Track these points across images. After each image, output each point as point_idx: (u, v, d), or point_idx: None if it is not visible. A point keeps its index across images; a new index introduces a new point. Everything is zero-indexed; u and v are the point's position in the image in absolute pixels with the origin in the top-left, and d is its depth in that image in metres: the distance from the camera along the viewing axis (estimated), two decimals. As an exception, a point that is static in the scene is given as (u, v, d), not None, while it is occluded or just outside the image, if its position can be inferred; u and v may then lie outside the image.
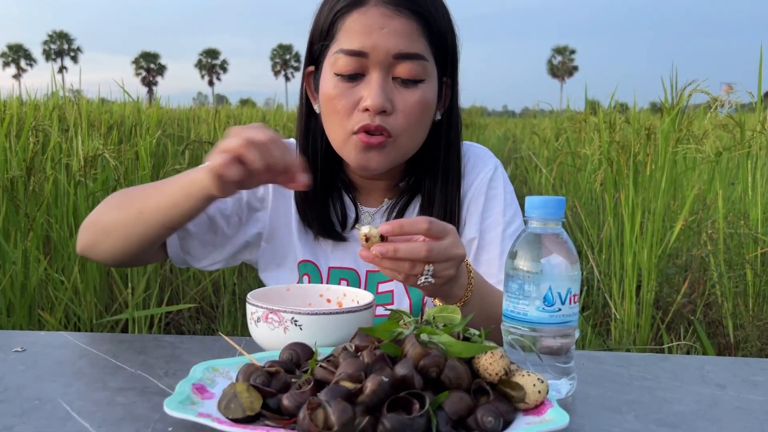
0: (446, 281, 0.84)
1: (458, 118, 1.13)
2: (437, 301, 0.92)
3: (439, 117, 1.09)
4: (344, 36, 1.02)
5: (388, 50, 0.99)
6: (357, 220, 1.14)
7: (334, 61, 1.02)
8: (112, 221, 1.02)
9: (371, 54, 1.00)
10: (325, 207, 1.12)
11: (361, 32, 1.00)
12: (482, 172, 1.16)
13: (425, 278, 0.81)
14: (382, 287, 1.11)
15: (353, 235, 1.13)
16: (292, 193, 1.14)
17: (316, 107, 1.09)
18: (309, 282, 1.11)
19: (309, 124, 1.12)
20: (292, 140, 1.17)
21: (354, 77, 1.01)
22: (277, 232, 1.15)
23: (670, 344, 2.49)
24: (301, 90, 1.13)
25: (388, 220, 1.13)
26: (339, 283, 1.11)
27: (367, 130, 1.00)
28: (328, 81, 1.03)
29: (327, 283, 1.11)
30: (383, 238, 0.80)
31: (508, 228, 1.11)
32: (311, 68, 1.10)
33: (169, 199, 0.95)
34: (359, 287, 1.11)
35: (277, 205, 1.14)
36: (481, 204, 1.13)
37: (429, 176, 1.11)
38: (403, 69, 1.01)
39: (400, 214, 1.14)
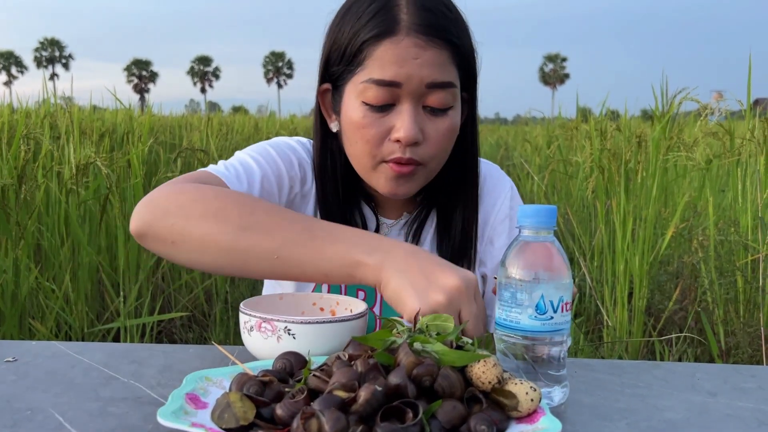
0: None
1: (475, 131, 1.12)
2: None
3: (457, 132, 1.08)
4: (375, 65, 0.98)
5: (422, 80, 0.97)
6: (378, 231, 1.14)
7: (363, 90, 0.99)
8: (226, 241, 0.85)
9: (405, 84, 0.97)
10: (346, 220, 1.11)
11: (395, 62, 0.97)
12: (502, 193, 1.17)
13: None
14: None
15: None
16: (313, 195, 1.12)
17: (332, 126, 1.08)
18: (329, 291, 1.10)
19: (326, 143, 1.10)
20: (304, 140, 1.16)
21: (384, 107, 0.99)
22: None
23: (668, 336, 2.50)
24: (316, 108, 1.10)
25: (407, 234, 1.14)
26: (356, 295, 1.09)
27: (398, 162, 0.99)
28: (355, 109, 1.01)
29: (345, 293, 1.09)
30: None
31: None
32: (327, 86, 1.07)
33: (322, 266, 0.83)
34: (375, 299, 1.10)
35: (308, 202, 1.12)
36: (507, 225, 1.15)
37: (446, 189, 1.11)
38: (435, 98, 0.99)
39: (419, 229, 1.14)
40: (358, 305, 0.90)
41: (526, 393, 0.64)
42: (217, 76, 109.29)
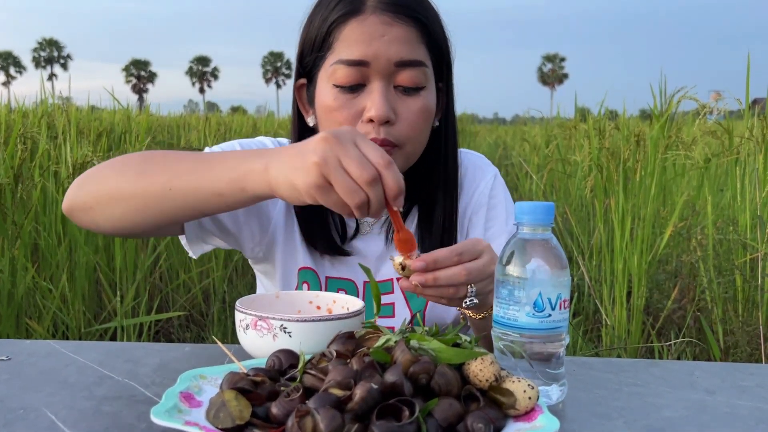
0: (487, 296, 0.85)
1: (454, 124, 1.12)
2: (466, 312, 0.92)
3: (437, 124, 1.08)
4: (342, 46, 0.98)
5: (390, 58, 0.97)
6: (357, 231, 1.12)
7: (333, 72, 0.99)
8: (127, 188, 0.88)
9: (373, 63, 0.97)
10: (325, 223, 1.09)
11: (361, 41, 0.97)
12: (482, 182, 1.15)
13: (470, 301, 0.82)
14: (383, 299, 1.10)
15: (354, 247, 1.11)
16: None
17: (309, 120, 1.07)
18: (308, 290, 1.10)
19: (303, 138, 1.09)
20: (284, 140, 1.15)
21: (355, 88, 0.99)
22: (280, 229, 1.11)
23: (667, 343, 2.50)
24: (293, 104, 1.10)
25: (388, 231, 1.12)
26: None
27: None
28: (326, 93, 1.00)
29: (325, 286, 1.10)
30: None
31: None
32: (302, 81, 1.07)
33: (213, 186, 0.83)
34: (358, 296, 1.11)
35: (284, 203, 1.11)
36: (483, 214, 1.14)
37: (427, 184, 1.10)
38: (405, 77, 0.99)
39: None
40: (354, 303, 0.90)
41: (524, 391, 0.63)
42: (215, 77, 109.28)
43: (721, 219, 2.97)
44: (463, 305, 0.83)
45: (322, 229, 1.09)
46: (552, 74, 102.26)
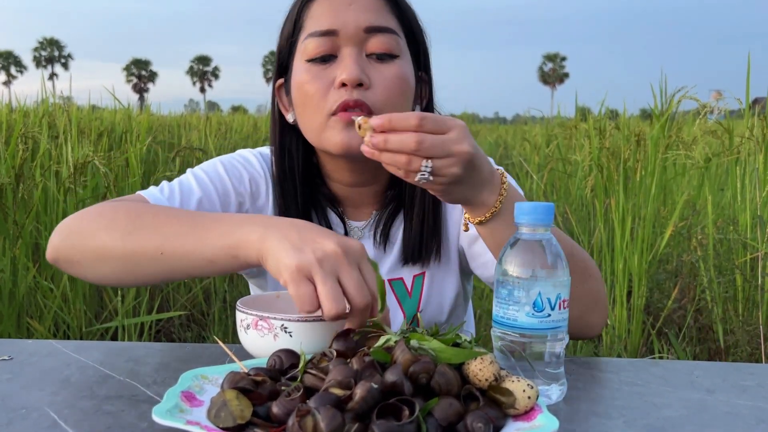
0: (453, 181, 0.79)
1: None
2: (465, 213, 0.87)
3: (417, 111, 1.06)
4: (311, 22, 1.00)
5: (359, 24, 0.97)
6: (346, 235, 1.09)
7: (304, 49, 0.99)
8: (115, 248, 0.86)
9: (341, 31, 0.97)
10: None
11: (329, 12, 0.98)
12: None
13: (422, 175, 0.77)
14: None
15: None
16: (270, 209, 1.10)
17: (288, 117, 1.06)
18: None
19: (284, 140, 1.08)
20: (268, 151, 1.13)
21: (326, 59, 0.98)
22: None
23: (661, 355, 2.50)
24: (272, 105, 1.10)
25: (375, 234, 1.11)
26: None
27: (345, 107, 0.95)
28: (300, 71, 1.00)
29: None
30: None
31: None
32: (281, 81, 1.08)
33: (205, 252, 0.81)
34: None
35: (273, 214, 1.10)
36: None
37: (406, 183, 1.04)
38: (376, 43, 0.98)
39: (387, 228, 1.11)
40: (355, 303, 0.90)
41: (523, 390, 0.63)
42: (216, 76, 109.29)
43: (722, 218, 2.97)
44: (417, 180, 0.77)
45: None
46: (553, 74, 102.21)
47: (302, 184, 1.08)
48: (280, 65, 1.07)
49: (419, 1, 1.09)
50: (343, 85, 0.96)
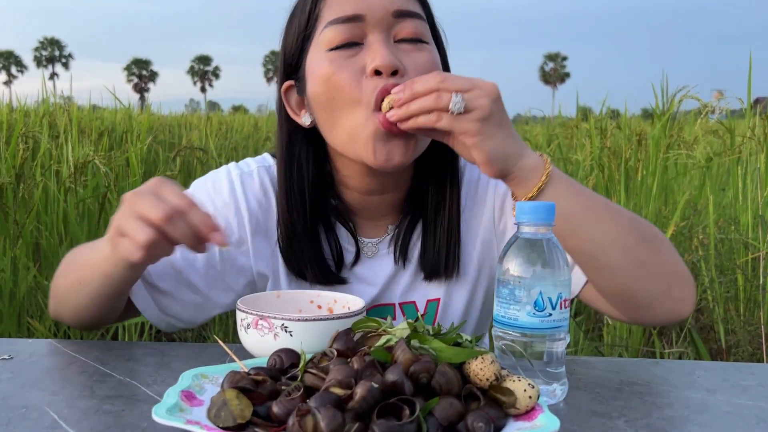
0: (486, 116, 0.79)
1: None
2: (514, 196, 0.85)
3: None
4: (331, 10, 0.91)
5: (386, 8, 0.89)
6: (358, 255, 1.02)
7: (325, 39, 0.90)
8: (61, 289, 0.96)
9: (368, 15, 0.89)
10: (316, 246, 0.99)
11: None
12: (488, 189, 1.05)
13: (455, 105, 0.78)
14: None
15: (356, 275, 1.02)
16: (273, 230, 1.01)
17: (303, 120, 0.97)
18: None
19: (293, 148, 0.99)
20: (268, 158, 1.06)
21: (351, 45, 0.90)
22: (264, 279, 1.03)
23: (662, 351, 2.49)
24: (279, 111, 1.01)
25: (395, 250, 1.03)
26: None
27: (384, 94, 0.86)
28: (321, 63, 0.90)
29: None
30: None
31: None
32: (290, 82, 0.98)
33: (99, 270, 0.87)
34: None
35: (258, 247, 1.01)
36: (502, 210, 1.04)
37: (428, 192, 1.00)
38: (406, 27, 0.91)
39: (407, 242, 1.02)
40: (356, 303, 0.90)
41: (524, 390, 0.63)
42: (217, 76, 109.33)
43: (723, 218, 2.97)
44: (451, 109, 0.78)
45: (314, 253, 0.99)
46: (554, 73, 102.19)
47: (312, 197, 0.99)
48: (288, 65, 0.98)
49: None
50: (377, 73, 0.88)
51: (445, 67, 0.99)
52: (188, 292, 0.99)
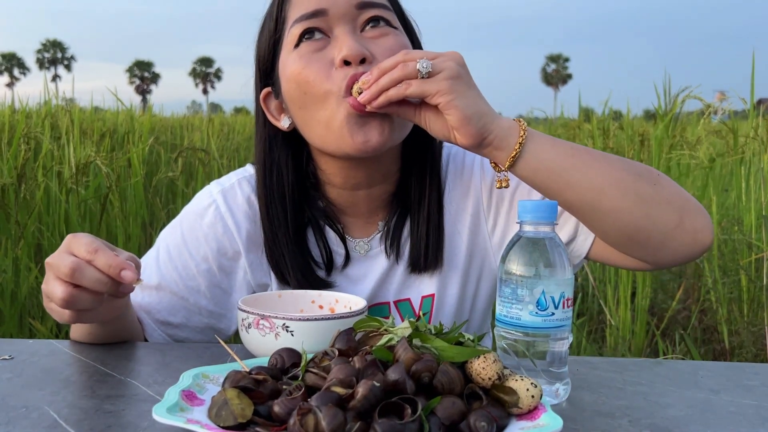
0: (455, 76, 0.80)
1: None
2: (495, 167, 0.85)
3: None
4: (295, 8, 0.92)
5: (349, 0, 0.91)
6: (348, 257, 1.02)
7: (290, 38, 0.92)
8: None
9: (331, 9, 0.90)
10: (298, 251, 0.99)
11: None
12: (473, 170, 1.04)
13: (422, 66, 0.80)
14: None
15: (348, 276, 1.03)
16: (261, 241, 1.01)
17: (283, 122, 0.97)
18: None
19: (272, 155, 0.99)
20: (250, 168, 1.06)
21: (316, 33, 0.91)
22: (266, 288, 1.04)
23: (665, 356, 2.49)
24: (257, 118, 1.01)
25: (386, 246, 1.03)
26: None
27: (354, 81, 0.87)
28: (290, 62, 0.92)
29: None
30: None
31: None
32: (267, 90, 0.99)
33: (79, 331, 0.95)
34: None
35: (253, 258, 1.02)
36: (498, 201, 1.03)
37: (414, 181, 1.00)
38: (372, 16, 0.92)
39: (398, 237, 1.02)
40: (357, 302, 0.89)
41: (527, 389, 0.63)
42: (219, 77, 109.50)
43: (726, 219, 2.96)
44: (418, 70, 0.80)
45: (296, 256, 0.99)
46: (555, 75, 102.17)
47: (293, 202, 0.99)
48: (263, 73, 0.99)
49: (421, 3, 1.06)
50: (346, 63, 0.88)
51: None
52: (200, 318, 1.02)
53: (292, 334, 0.79)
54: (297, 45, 0.92)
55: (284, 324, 0.79)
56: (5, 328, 2.31)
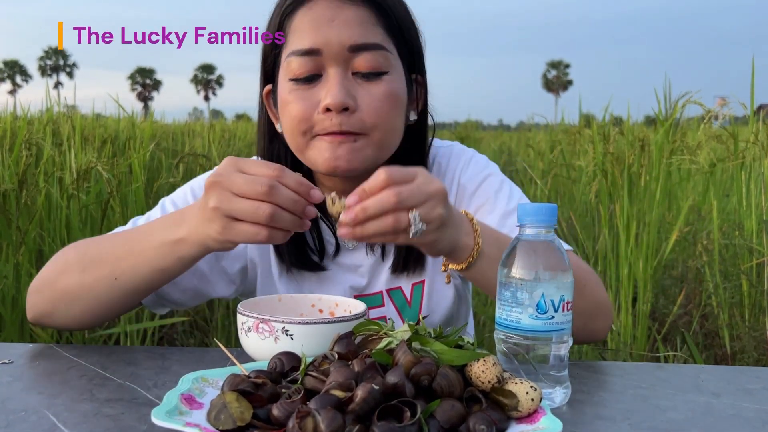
0: (441, 224, 0.77)
1: (425, 120, 1.05)
2: (447, 264, 0.86)
3: (414, 117, 1.02)
4: (294, 38, 0.95)
5: (342, 43, 0.92)
6: (338, 248, 1.06)
7: (287, 66, 0.95)
8: (77, 287, 0.91)
9: (324, 50, 0.92)
10: (299, 236, 1.03)
11: (310, 28, 0.93)
12: (457, 170, 1.07)
13: (416, 227, 0.74)
14: (374, 313, 1.06)
15: (340, 263, 1.07)
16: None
17: (278, 126, 1.02)
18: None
19: (272, 148, 1.04)
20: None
21: (310, 79, 0.94)
22: (256, 266, 1.07)
23: (666, 353, 2.48)
24: (260, 112, 1.06)
25: (373, 245, 1.06)
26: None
27: (333, 137, 0.93)
28: (283, 89, 0.97)
29: None
30: None
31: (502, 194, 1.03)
32: (269, 87, 1.03)
33: (153, 264, 0.87)
34: None
35: None
36: (470, 201, 1.05)
37: None
38: (362, 61, 0.93)
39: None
40: (357, 306, 0.89)
41: (527, 392, 0.63)
42: (220, 84, 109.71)
43: (727, 224, 2.96)
44: (412, 234, 0.74)
45: (295, 240, 1.02)
46: (556, 81, 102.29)
47: None
48: (266, 72, 1.03)
49: (422, 9, 1.07)
50: (328, 110, 0.92)
51: (420, 68, 1.03)
52: (191, 278, 1.01)
53: (292, 338, 0.79)
54: (291, 79, 0.96)
55: (284, 328, 0.79)
56: (6, 334, 2.31)
